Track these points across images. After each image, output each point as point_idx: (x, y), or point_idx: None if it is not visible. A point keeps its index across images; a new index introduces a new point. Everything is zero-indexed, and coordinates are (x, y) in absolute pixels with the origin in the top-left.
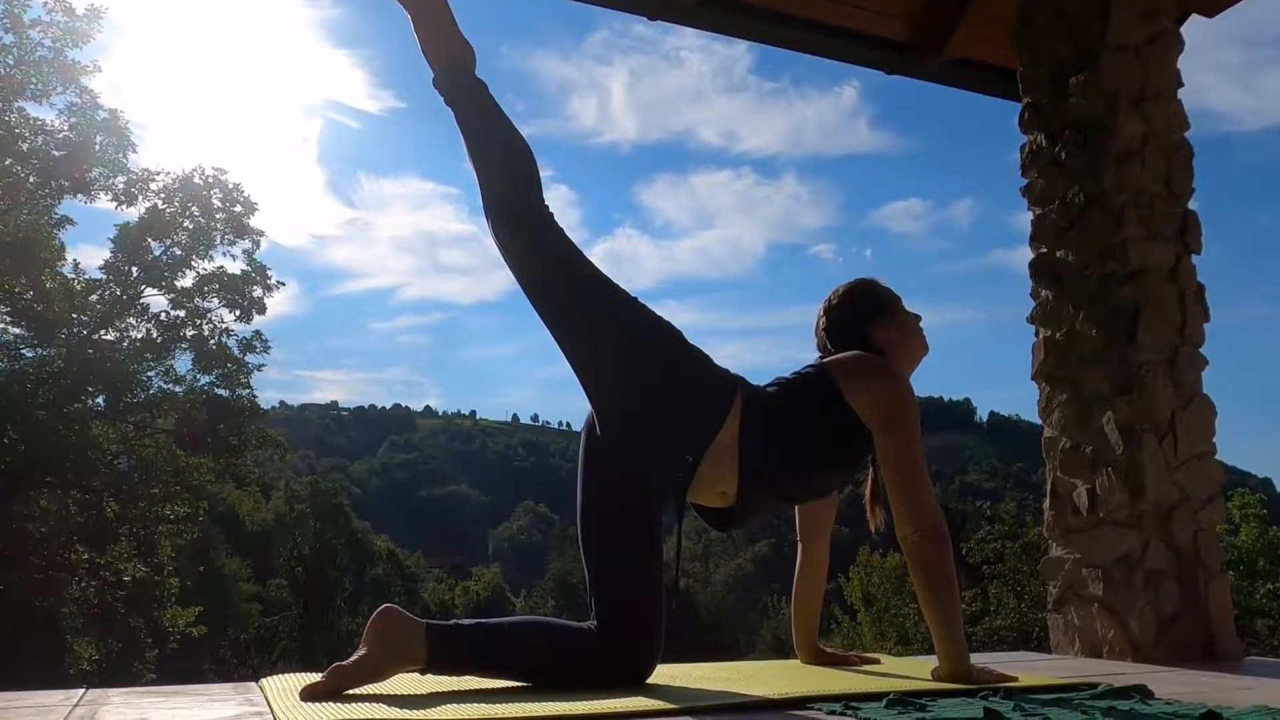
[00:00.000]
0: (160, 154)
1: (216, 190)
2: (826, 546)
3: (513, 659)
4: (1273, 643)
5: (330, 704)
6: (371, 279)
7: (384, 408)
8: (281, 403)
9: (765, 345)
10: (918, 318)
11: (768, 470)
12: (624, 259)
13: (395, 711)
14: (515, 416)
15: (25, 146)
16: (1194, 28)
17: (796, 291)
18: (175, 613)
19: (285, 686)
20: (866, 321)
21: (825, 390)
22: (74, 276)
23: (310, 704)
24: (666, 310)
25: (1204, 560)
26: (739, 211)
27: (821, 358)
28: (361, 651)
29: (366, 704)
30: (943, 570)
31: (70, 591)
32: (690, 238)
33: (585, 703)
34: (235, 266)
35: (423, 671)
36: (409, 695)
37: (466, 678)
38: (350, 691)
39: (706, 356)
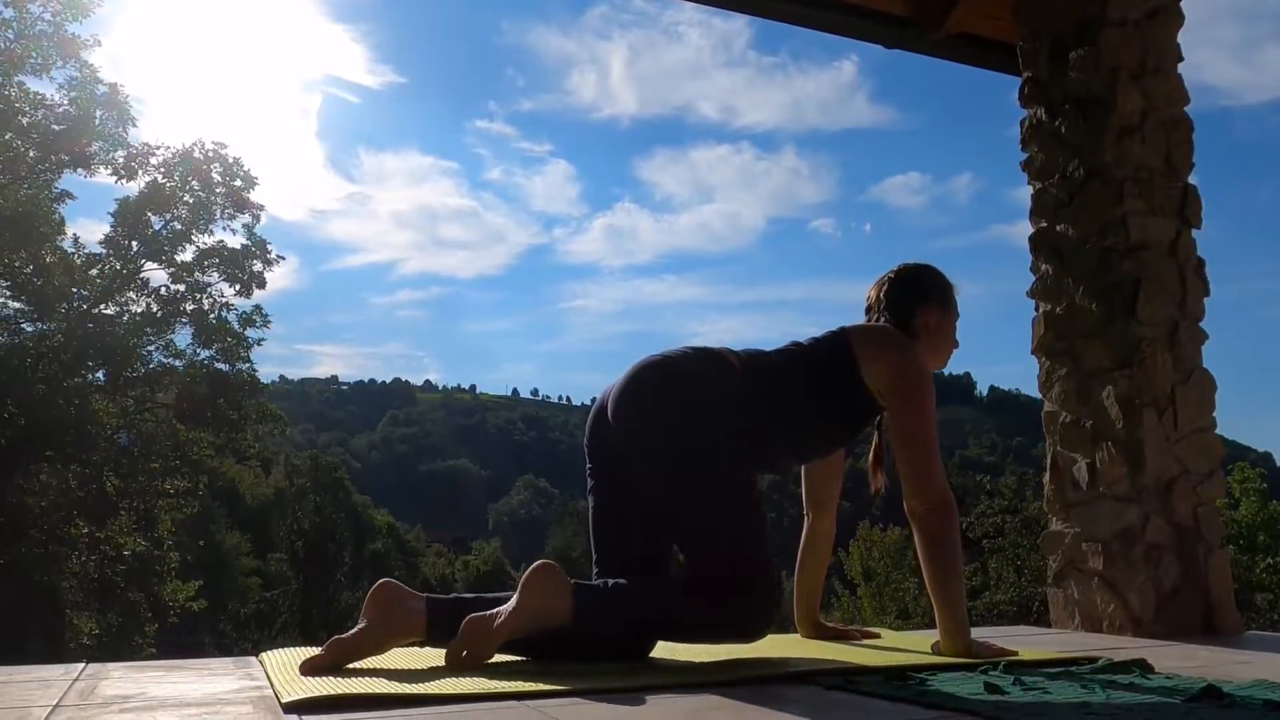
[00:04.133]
0: (160, 128)
1: (216, 164)
2: (833, 519)
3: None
4: (1273, 617)
5: (330, 678)
6: (371, 253)
7: (384, 382)
8: (281, 377)
9: (764, 320)
10: (957, 343)
11: (763, 453)
12: (623, 233)
13: (395, 685)
14: (515, 391)
15: (25, 121)
16: (1193, 2)
17: (796, 266)
18: (175, 587)
19: (285, 660)
20: (924, 296)
21: (840, 359)
22: (74, 251)
23: (310, 678)
24: (666, 285)
25: (1204, 534)
26: (738, 186)
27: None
28: (361, 624)
29: (366, 678)
30: (948, 544)
31: (70, 566)
32: (690, 212)
33: (585, 679)
34: (235, 241)
35: (422, 644)
36: (408, 670)
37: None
38: (350, 665)
39: (701, 358)
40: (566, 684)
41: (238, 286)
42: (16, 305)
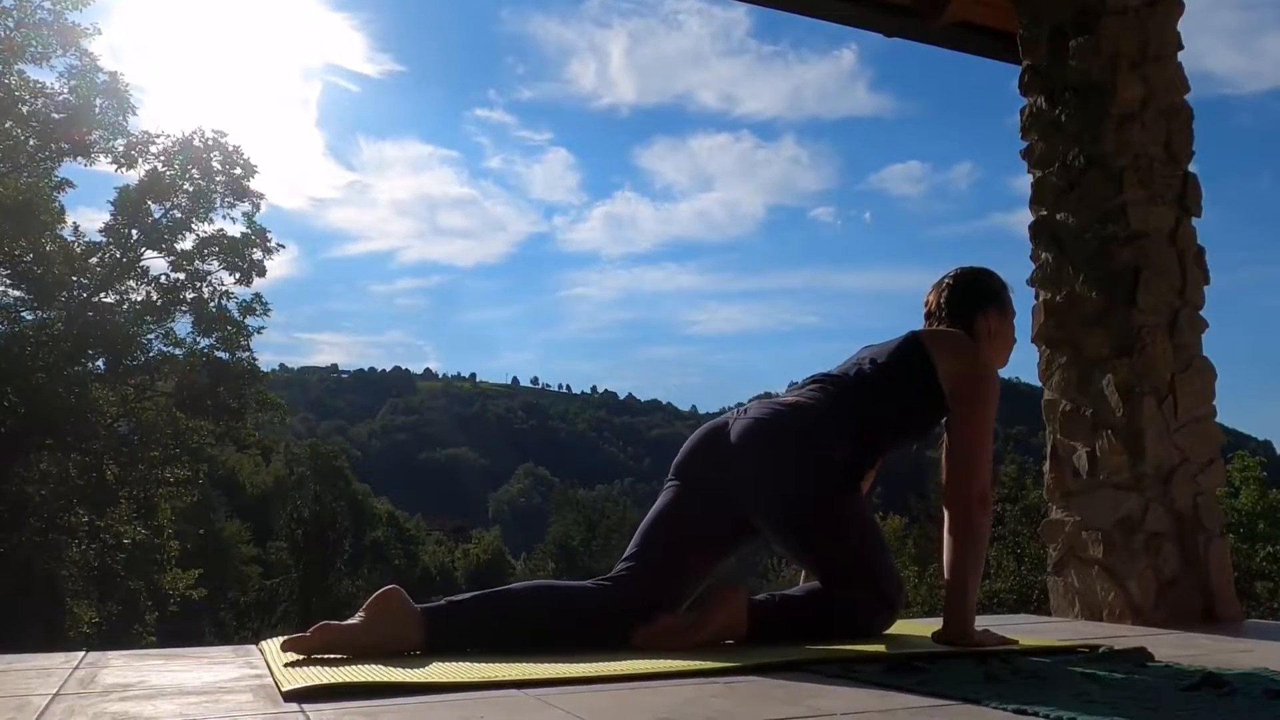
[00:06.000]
0: (160, 117)
1: (216, 153)
2: None
3: (521, 624)
4: (1273, 605)
5: (329, 667)
6: (371, 242)
7: (384, 370)
8: (281, 365)
9: (764, 308)
10: (1015, 340)
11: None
12: (624, 221)
13: (395, 673)
14: (515, 379)
15: (25, 109)
16: None
17: (796, 255)
18: (175, 575)
19: None
20: (984, 302)
21: (919, 366)
22: (74, 239)
23: (310, 667)
24: (666, 273)
25: (1204, 523)
26: (738, 174)
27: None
28: (355, 621)
29: (365, 667)
30: (978, 537)
31: (70, 554)
32: (689, 200)
33: (586, 664)
34: (235, 229)
35: (424, 652)
36: (407, 656)
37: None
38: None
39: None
40: (566, 672)
41: (237, 275)
42: (16, 294)
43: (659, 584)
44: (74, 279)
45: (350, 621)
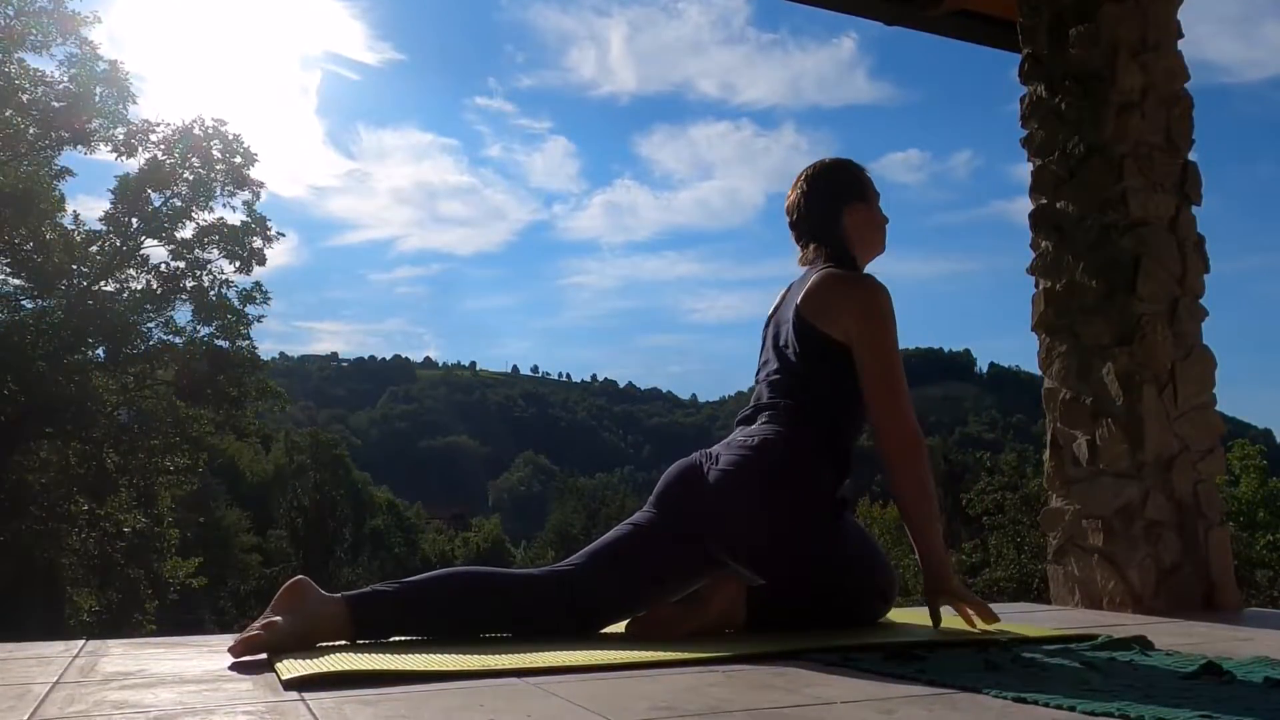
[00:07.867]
0: (160, 105)
1: (216, 141)
2: None
3: (450, 613)
4: (1273, 593)
5: (328, 656)
6: (371, 230)
7: (384, 359)
8: (281, 354)
9: (763, 297)
10: (885, 219)
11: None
12: (623, 210)
13: (395, 661)
14: (515, 367)
15: (25, 98)
16: None
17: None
18: (175, 564)
19: None
20: (845, 196)
21: (815, 340)
22: (74, 228)
23: (308, 659)
24: (666, 261)
25: (1204, 511)
26: (738, 162)
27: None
28: (275, 619)
29: (365, 655)
30: (920, 479)
31: (70, 542)
32: (689, 189)
33: (586, 653)
34: (235, 217)
35: (352, 640)
36: (407, 643)
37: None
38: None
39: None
40: (566, 660)
41: (237, 263)
42: (17, 282)
43: (601, 591)
44: (74, 267)
45: (274, 618)
